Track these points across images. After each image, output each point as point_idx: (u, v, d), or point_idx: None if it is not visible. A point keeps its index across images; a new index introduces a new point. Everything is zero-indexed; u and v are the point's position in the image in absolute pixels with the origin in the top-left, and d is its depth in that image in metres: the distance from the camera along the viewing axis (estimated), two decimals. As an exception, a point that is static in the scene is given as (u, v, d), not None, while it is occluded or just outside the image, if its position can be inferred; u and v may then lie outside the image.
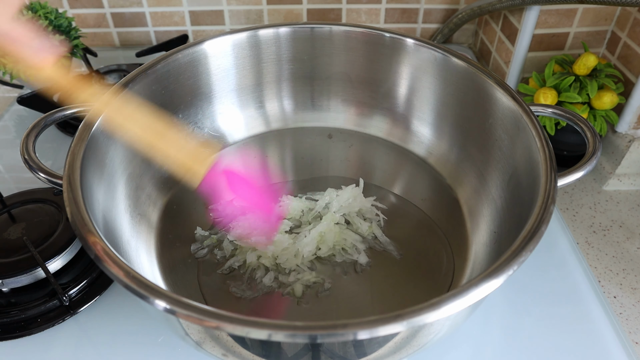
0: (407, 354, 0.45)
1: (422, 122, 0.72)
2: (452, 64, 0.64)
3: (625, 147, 0.77)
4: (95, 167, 0.52)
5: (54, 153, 0.81)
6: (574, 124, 0.56)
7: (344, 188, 0.65)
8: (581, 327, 0.56)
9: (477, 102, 0.63)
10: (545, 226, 0.43)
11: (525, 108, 0.55)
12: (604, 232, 0.72)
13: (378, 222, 0.63)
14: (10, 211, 0.63)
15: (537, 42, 0.85)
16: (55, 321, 0.55)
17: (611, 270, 0.67)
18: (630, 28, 0.76)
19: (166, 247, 0.60)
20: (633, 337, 0.59)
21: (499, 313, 0.58)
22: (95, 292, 0.58)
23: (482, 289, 0.37)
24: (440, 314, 0.36)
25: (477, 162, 0.65)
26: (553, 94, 0.76)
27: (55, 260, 0.58)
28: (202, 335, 0.42)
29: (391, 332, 0.36)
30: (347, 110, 0.76)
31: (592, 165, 0.51)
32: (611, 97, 0.74)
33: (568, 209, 0.76)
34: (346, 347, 0.41)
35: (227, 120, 0.73)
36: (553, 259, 0.64)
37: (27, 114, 0.90)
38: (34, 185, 0.65)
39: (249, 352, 0.42)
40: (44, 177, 0.50)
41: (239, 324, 0.35)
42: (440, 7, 1.04)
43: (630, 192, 0.78)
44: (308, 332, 0.35)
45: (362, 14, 1.05)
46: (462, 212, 0.64)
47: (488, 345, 0.55)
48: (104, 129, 0.54)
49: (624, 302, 0.63)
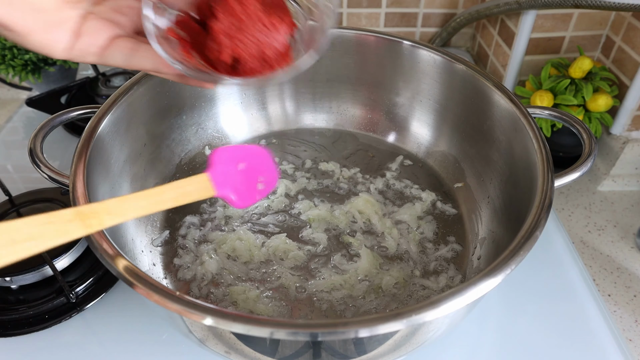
0: (407, 351, 0.46)
1: (421, 123, 0.73)
2: (451, 67, 0.65)
3: (620, 148, 0.78)
4: (100, 167, 0.53)
5: (61, 153, 0.82)
6: (570, 126, 0.57)
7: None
8: (576, 325, 0.57)
9: (475, 104, 0.64)
10: (543, 227, 0.44)
11: (523, 110, 0.56)
12: (598, 232, 0.74)
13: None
14: (19, 210, 0.64)
15: (534, 45, 0.86)
16: (62, 318, 0.56)
17: (606, 269, 0.68)
18: (625, 32, 0.78)
19: (170, 247, 0.61)
20: (627, 335, 0.61)
21: (496, 311, 0.59)
22: (101, 290, 0.59)
23: (480, 288, 0.38)
24: (439, 312, 0.37)
25: (475, 162, 0.66)
26: (549, 97, 0.77)
27: (62, 258, 0.59)
28: (205, 332, 0.43)
29: (391, 330, 0.37)
30: (347, 112, 0.77)
31: (588, 166, 0.52)
32: (606, 99, 0.75)
33: (564, 209, 0.77)
34: (346, 344, 0.42)
35: (230, 121, 0.74)
36: (549, 258, 0.65)
37: (36, 116, 0.91)
38: (41, 185, 0.66)
39: (251, 350, 0.43)
40: (51, 176, 0.51)
41: (241, 322, 0.36)
42: (439, 12, 1.05)
43: (624, 192, 0.80)
44: (309, 330, 0.36)
45: (362, 17, 1.06)
46: (461, 211, 0.65)
47: (485, 342, 0.56)
48: (110, 130, 0.55)
49: (618, 300, 0.65)
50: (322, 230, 0.63)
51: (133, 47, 0.40)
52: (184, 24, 0.41)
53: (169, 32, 0.39)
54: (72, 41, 0.38)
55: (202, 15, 0.41)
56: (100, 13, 0.40)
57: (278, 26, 0.39)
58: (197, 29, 0.41)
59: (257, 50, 0.39)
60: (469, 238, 0.62)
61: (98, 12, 0.40)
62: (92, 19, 0.39)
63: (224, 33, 0.38)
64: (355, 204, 0.65)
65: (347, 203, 0.66)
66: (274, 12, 0.39)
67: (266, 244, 0.61)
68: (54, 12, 0.37)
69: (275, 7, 0.39)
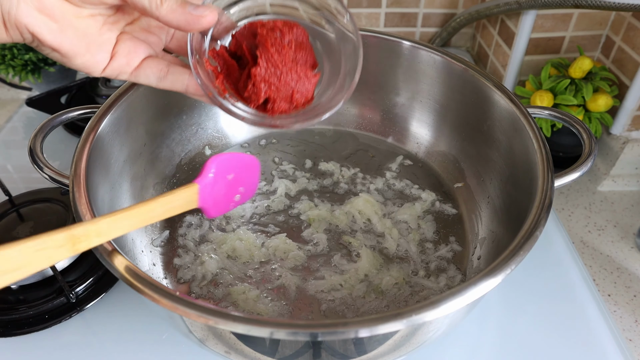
0: (407, 351, 0.46)
1: (421, 123, 0.73)
2: (451, 67, 0.65)
3: (620, 148, 0.78)
4: (100, 167, 0.53)
5: (61, 153, 0.82)
6: (570, 126, 0.57)
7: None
8: (576, 325, 0.58)
9: (475, 105, 0.64)
10: (543, 227, 0.44)
11: (523, 110, 0.56)
12: (598, 232, 0.74)
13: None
14: (19, 210, 0.64)
15: (534, 45, 0.86)
16: (62, 318, 0.56)
17: (606, 269, 0.68)
18: (625, 32, 0.78)
19: (170, 247, 0.61)
20: (627, 335, 0.61)
21: (496, 311, 0.59)
22: (101, 290, 0.59)
23: (480, 288, 0.39)
24: (439, 312, 0.37)
25: (475, 162, 0.66)
26: (549, 97, 0.77)
27: (62, 258, 0.59)
28: (205, 332, 0.43)
29: (391, 330, 0.37)
30: (347, 112, 0.77)
31: (588, 166, 0.52)
32: (606, 99, 0.75)
33: (564, 209, 0.77)
34: (346, 344, 0.42)
35: (230, 121, 0.74)
36: (549, 258, 0.65)
37: (36, 116, 0.91)
38: (41, 185, 0.66)
39: (251, 350, 0.43)
40: (51, 176, 0.51)
41: (241, 322, 0.36)
42: (439, 12, 1.05)
43: (624, 192, 0.80)
44: (309, 330, 0.36)
45: (363, 17, 1.06)
46: (461, 211, 0.65)
47: (485, 342, 0.56)
48: (110, 130, 0.55)
49: (618, 300, 0.65)
50: (322, 230, 0.63)
51: (164, 69, 0.43)
52: (219, 55, 0.44)
53: (205, 61, 0.43)
54: (109, 61, 0.41)
55: (238, 49, 0.44)
56: (133, 32, 0.43)
57: (309, 76, 0.44)
58: (231, 62, 0.44)
59: (287, 95, 0.44)
60: (469, 238, 0.62)
61: (131, 30, 0.42)
62: (126, 40, 0.42)
63: (263, 79, 0.43)
64: (355, 204, 0.65)
65: (347, 203, 0.66)
66: (306, 59, 0.44)
67: (266, 244, 0.61)
68: (97, 36, 0.40)
69: (303, 49, 0.44)
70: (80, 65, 0.40)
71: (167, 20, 0.38)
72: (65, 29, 0.38)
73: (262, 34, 0.42)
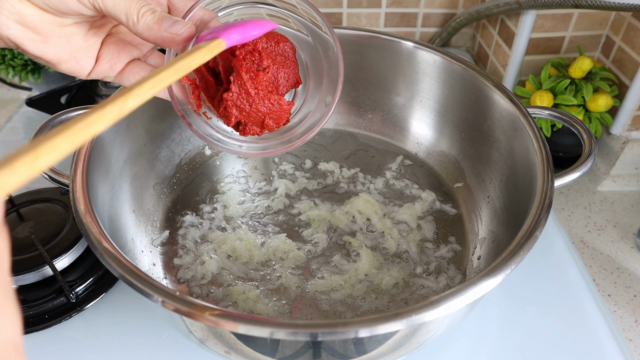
0: (407, 351, 0.46)
1: (421, 123, 0.73)
2: (451, 67, 0.65)
3: (620, 148, 0.78)
4: (100, 167, 0.53)
5: (60, 154, 0.82)
6: (570, 126, 0.57)
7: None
8: (576, 325, 0.57)
9: (475, 104, 0.64)
10: (543, 227, 0.44)
11: (523, 110, 0.56)
12: (598, 232, 0.74)
13: None
14: (19, 210, 0.64)
15: (534, 45, 0.86)
16: (62, 318, 0.56)
17: (606, 269, 0.68)
18: (625, 32, 0.78)
19: (170, 247, 0.61)
20: (627, 335, 0.61)
21: (496, 310, 0.59)
22: (101, 290, 0.59)
23: (480, 288, 0.39)
24: (439, 312, 0.37)
25: (475, 162, 0.66)
26: (549, 97, 0.77)
27: (62, 258, 0.59)
28: (205, 332, 0.43)
29: (391, 330, 0.37)
30: (347, 112, 0.77)
31: (588, 166, 0.52)
32: (606, 99, 0.75)
33: (564, 209, 0.77)
34: (346, 344, 0.42)
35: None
36: (549, 258, 0.65)
37: (36, 116, 0.91)
38: (41, 185, 0.66)
39: (251, 350, 0.43)
40: (51, 176, 0.51)
41: (241, 322, 0.36)
42: (439, 12, 1.05)
43: (624, 192, 0.80)
44: (309, 330, 0.36)
45: (363, 17, 1.06)
46: (461, 211, 0.65)
47: (485, 342, 0.56)
48: (110, 130, 0.55)
49: (618, 300, 0.65)
50: (322, 230, 0.63)
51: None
52: (197, 69, 0.44)
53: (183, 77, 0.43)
54: (94, 65, 0.42)
55: (216, 67, 0.44)
56: (119, 34, 0.43)
57: (283, 105, 0.44)
58: (209, 79, 0.44)
59: (259, 121, 0.44)
60: (469, 238, 0.62)
61: (117, 32, 0.43)
62: (110, 44, 0.42)
63: (235, 105, 0.43)
64: (355, 204, 0.65)
65: (347, 203, 0.66)
66: (288, 77, 0.44)
67: (266, 244, 0.61)
68: (82, 41, 0.41)
69: (286, 67, 0.44)
70: (65, 70, 0.41)
71: (144, 37, 0.38)
72: (48, 39, 0.38)
73: (238, 58, 0.42)
